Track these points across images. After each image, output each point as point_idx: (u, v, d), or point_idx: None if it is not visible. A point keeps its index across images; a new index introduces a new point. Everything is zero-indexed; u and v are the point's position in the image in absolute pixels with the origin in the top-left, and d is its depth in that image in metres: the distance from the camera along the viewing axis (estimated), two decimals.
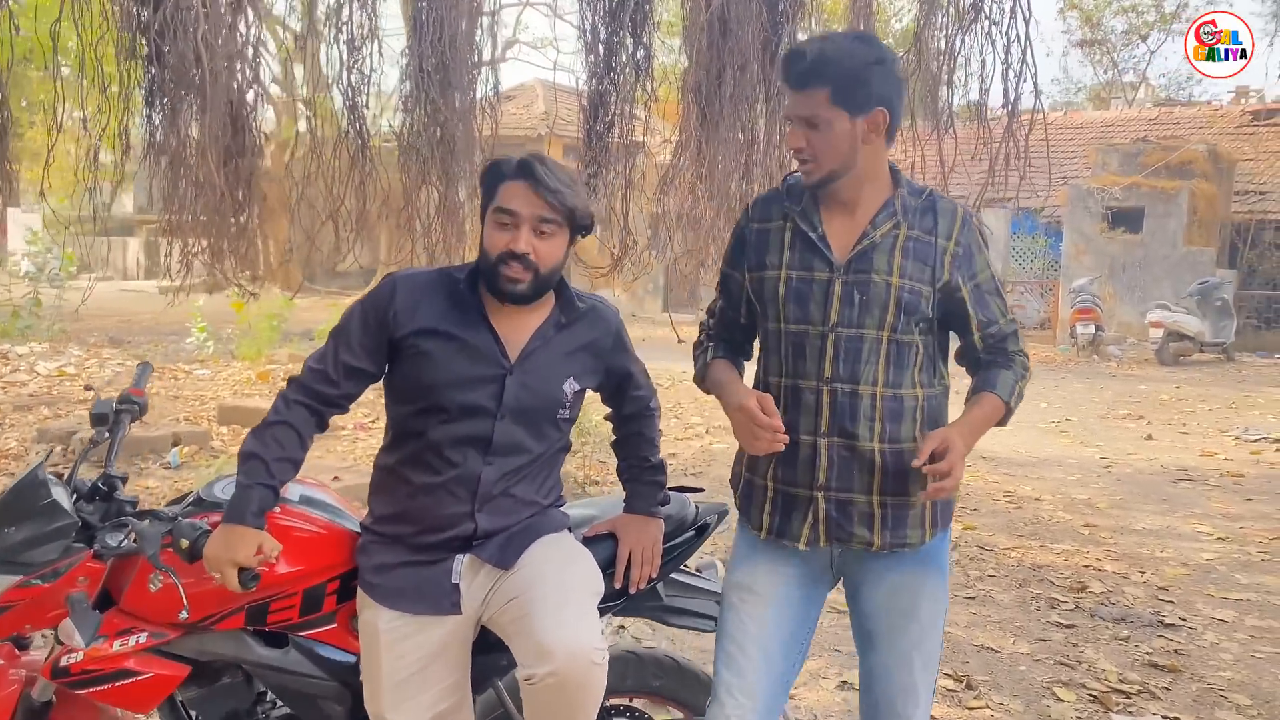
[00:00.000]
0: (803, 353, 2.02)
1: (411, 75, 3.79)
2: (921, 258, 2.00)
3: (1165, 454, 8.47)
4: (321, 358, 2.12)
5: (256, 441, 2.04)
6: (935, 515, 2.06)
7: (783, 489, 2.07)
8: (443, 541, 2.09)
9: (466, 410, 2.06)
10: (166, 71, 3.26)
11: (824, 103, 1.92)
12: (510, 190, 2.02)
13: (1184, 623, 4.44)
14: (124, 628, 2.06)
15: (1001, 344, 2.09)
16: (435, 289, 2.11)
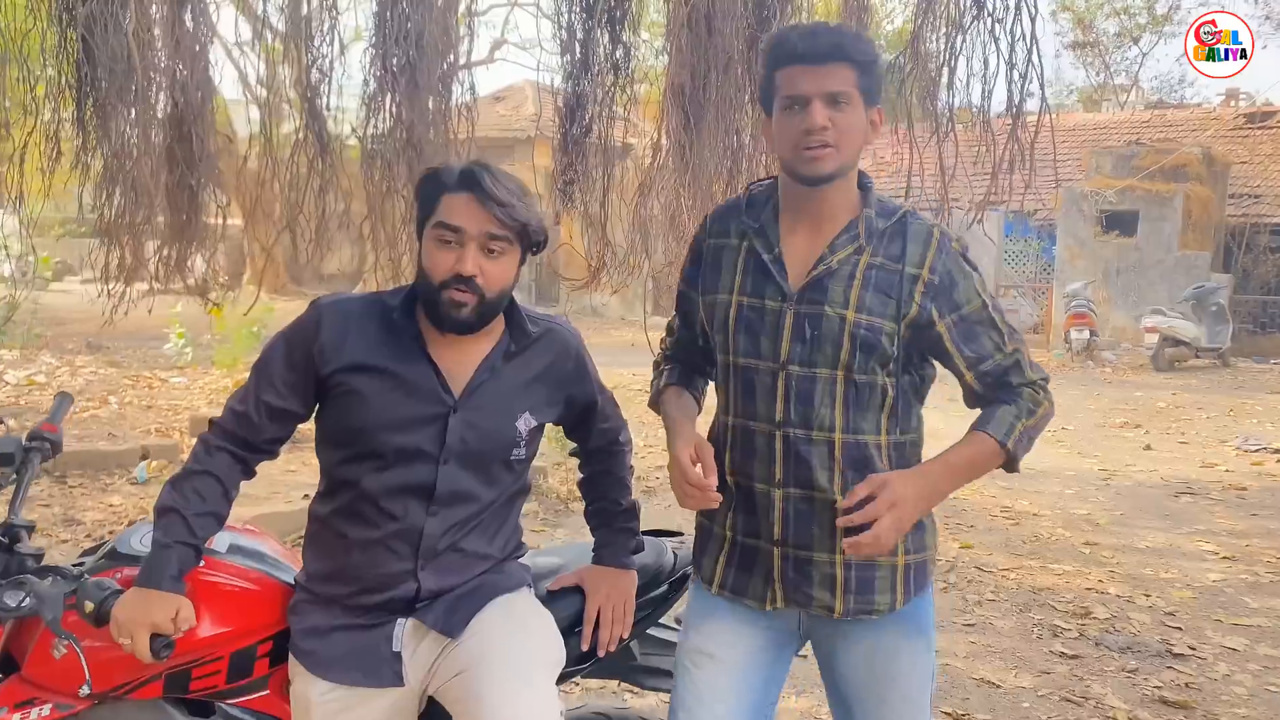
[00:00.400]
0: (753, 391, 1.78)
1: (376, 76, 3.56)
2: (884, 288, 1.73)
3: (1165, 465, 8.27)
4: (243, 398, 1.88)
5: (175, 494, 1.81)
6: (909, 579, 1.81)
7: (741, 540, 1.83)
8: (382, 603, 1.85)
9: (404, 455, 1.82)
10: (98, 69, 3.01)
11: (851, 81, 1.69)
12: (453, 204, 1.78)
13: (1194, 652, 4.22)
14: (25, 698, 1.82)
15: (1003, 378, 1.79)
16: (366, 318, 1.86)
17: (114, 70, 2.97)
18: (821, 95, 1.69)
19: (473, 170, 1.80)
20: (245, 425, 1.86)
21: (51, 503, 5.73)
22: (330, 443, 1.88)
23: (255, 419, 1.86)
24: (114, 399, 8.77)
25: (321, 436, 1.90)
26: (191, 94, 3.34)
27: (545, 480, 6.39)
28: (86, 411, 8.18)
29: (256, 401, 1.85)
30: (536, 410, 1.93)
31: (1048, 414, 1.81)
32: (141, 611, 1.69)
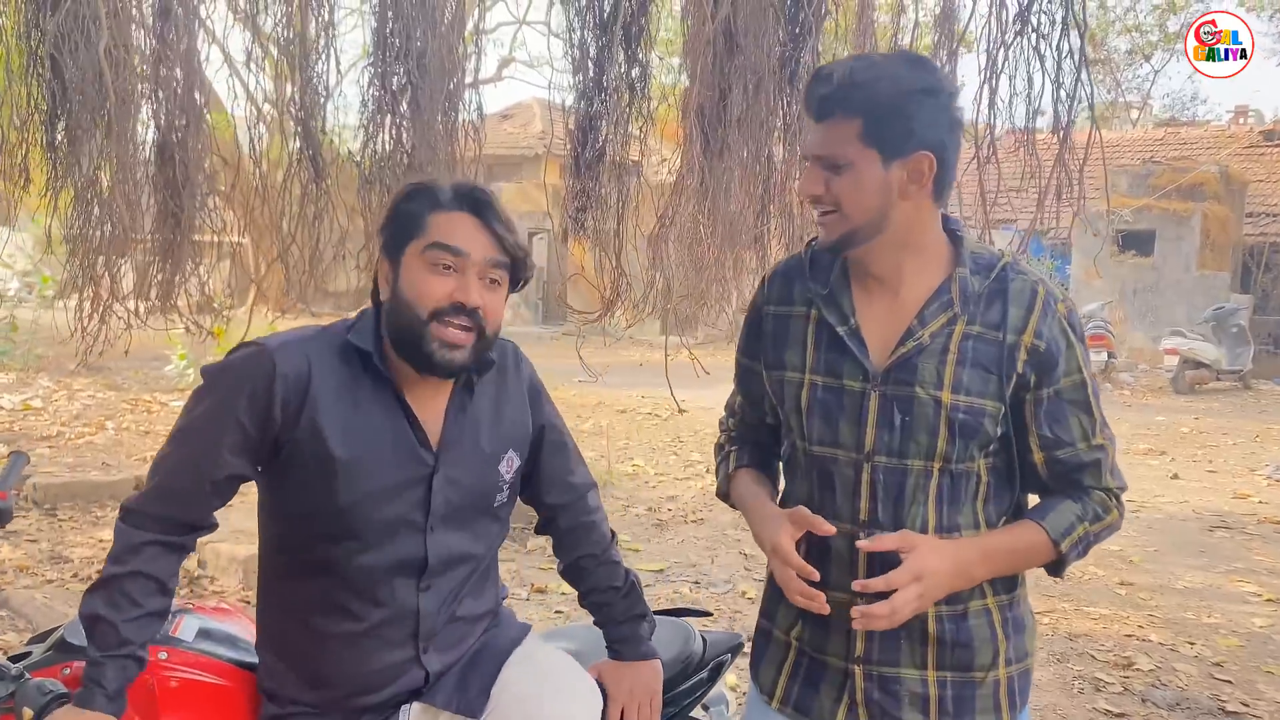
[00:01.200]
0: (831, 484, 1.53)
1: (374, 96, 3.34)
2: (983, 363, 1.48)
3: (1195, 496, 7.98)
4: (172, 472, 1.57)
5: (101, 599, 1.51)
6: (1013, 693, 1.56)
7: (809, 653, 1.58)
8: (383, 701, 1.61)
9: (388, 530, 1.56)
10: (68, 90, 2.78)
11: (851, 138, 1.43)
12: (452, 223, 1.53)
13: (1247, 709, 3.95)
14: None
15: (1076, 474, 1.54)
16: (328, 360, 1.55)
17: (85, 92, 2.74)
18: (814, 158, 1.48)
19: (472, 188, 1.57)
20: (179, 504, 1.56)
21: (39, 537, 5.49)
22: (288, 515, 1.60)
23: (192, 495, 1.55)
24: (111, 424, 8.55)
25: (274, 505, 1.61)
26: (175, 116, 3.11)
27: None
28: (82, 438, 7.96)
29: (195, 474, 1.55)
30: (517, 445, 1.69)
31: (1114, 526, 1.58)
32: None
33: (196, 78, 3.16)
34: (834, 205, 1.46)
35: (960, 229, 1.56)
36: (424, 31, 3.29)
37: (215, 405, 1.55)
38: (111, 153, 2.82)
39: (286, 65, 3.26)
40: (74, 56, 2.63)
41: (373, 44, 3.33)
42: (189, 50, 3.02)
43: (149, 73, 2.96)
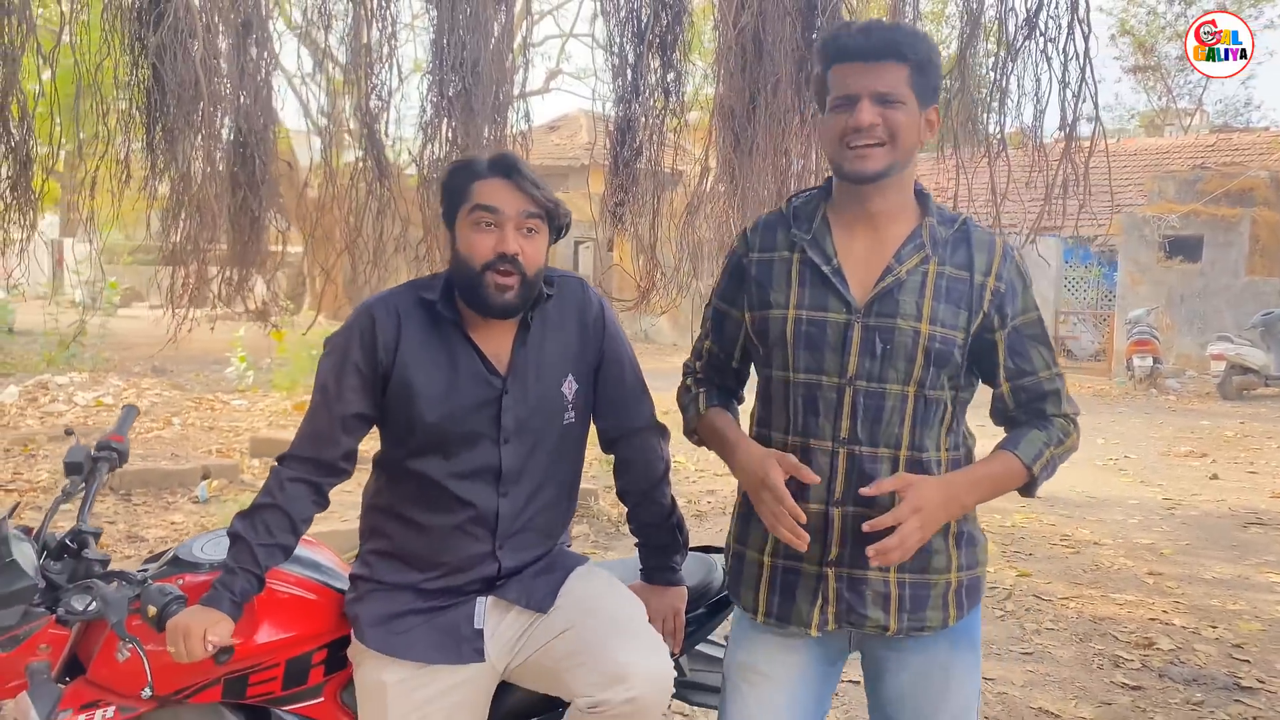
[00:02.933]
0: (815, 408, 1.74)
1: (433, 102, 3.65)
2: (955, 299, 1.71)
3: (1233, 495, 8.03)
4: (313, 418, 1.93)
5: (246, 524, 1.87)
6: (961, 595, 1.79)
7: (784, 565, 1.80)
8: (462, 585, 1.90)
9: (467, 441, 1.88)
10: (167, 96, 3.14)
11: (903, 81, 1.67)
12: (488, 188, 1.84)
13: (1263, 685, 4.09)
14: (90, 700, 1.88)
15: (1039, 402, 1.78)
16: (411, 310, 1.91)
17: (182, 97, 3.09)
18: (871, 94, 1.68)
19: (503, 155, 1.87)
20: (320, 444, 1.91)
21: (116, 519, 5.88)
22: (394, 439, 1.93)
23: (330, 434, 1.90)
24: (177, 420, 8.99)
25: (383, 430, 1.95)
26: (254, 120, 3.45)
27: (596, 503, 6.41)
28: (151, 432, 8.40)
29: (329, 417, 1.90)
30: (577, 372, 1.96)
31: (1074, 447, 1.81)
32: (195, 625, 1.74)
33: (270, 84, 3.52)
34: (887, 137, 1.68)
35: (925, 189, 1.81)
36: (477, 42, 3.59)
37: (336, 357, 1.91)
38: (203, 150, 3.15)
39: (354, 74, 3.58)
40: (173, 66, 2.97)
41: (431, 54, 3.63)
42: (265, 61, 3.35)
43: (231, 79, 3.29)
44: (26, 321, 12.84)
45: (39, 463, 7.32)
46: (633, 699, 1.72)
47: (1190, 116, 32.72)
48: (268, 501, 1.88)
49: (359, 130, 3.69)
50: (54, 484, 6.69)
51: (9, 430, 8.19)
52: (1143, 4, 30.57)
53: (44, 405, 9.25)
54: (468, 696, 1.89)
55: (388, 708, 1.85)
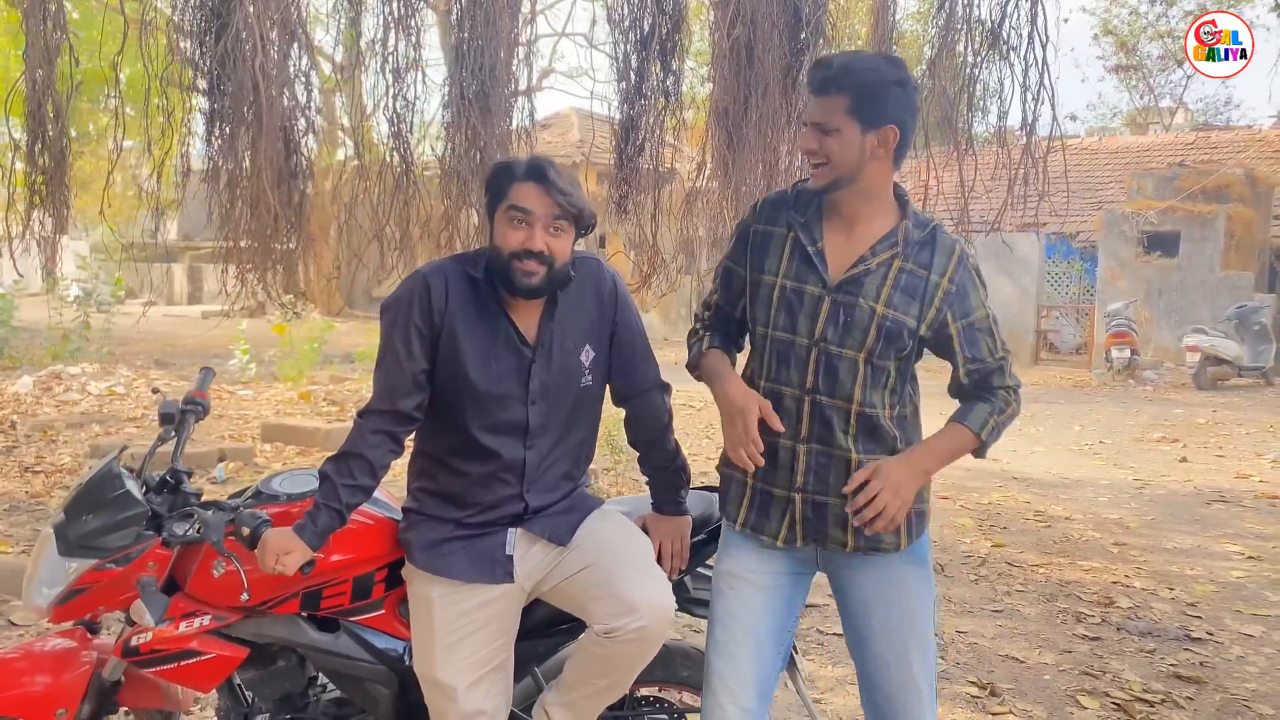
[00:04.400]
0: (788, 361, 2.10)
1: (454, 102, 3.98)
2: (910, 292, 2.05)
3: (1199, 476, 8.44)
4: (386, 376, 2.22)
5: (334, 467, 2.19)
6: (910, 525, 2.13)
7: (761, 487, 2.16)
8: (495, 520, 2.25)
9: (500, 400, 2.20)
10: (225, 99, 3.47)
11: (840, 111, 1.99)
12: (523, 191, 2.15)
13: (1211, 637, 4.47)
14: (189, 611, 2.22)
15: (986, 379, 2.12)
16: (458, 280, 2.22)
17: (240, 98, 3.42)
18: (813, 124, 2.05)
19: (539, 163, 2.19)
20: (395, 397, 2.20)
21: None
22: (440, 389, 2.24)
23: (403, 387, 2.20)
24: None
25: (433, 385, 2.25)
26: (297, 119, 3.80)
27: (596, 481, 6.78)
28: None
29: (400, 372, 2.20)
30: (594, 342, 2.29)
31: (1015, 413, 2.16)
32: (280, 548, 2.08)
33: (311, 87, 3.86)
34: (825, 159, 2.04)
35: (906, 195, 2.15)
36: (495, 48, 3.93)
37: (397, 319, 2.22)
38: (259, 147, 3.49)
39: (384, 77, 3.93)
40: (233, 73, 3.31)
41: (453, 56, 3.97)
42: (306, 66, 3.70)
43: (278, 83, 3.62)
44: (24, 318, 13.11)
45: (59, 447, 7.64)
46: (642, 627, 2.07)
47: (1172, 115, 33.23)
48: (353, 449, 2.20)
49: (387, 131, 4.06)
50: (77, 466, 7.00)
51: (28, 418, 8.49)
52: (1125, 4, 31.03)
53: (58, 395, 9.55)
54: (500, 610, 2.24)
55: (434, 616, 2.20)
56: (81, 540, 2.18)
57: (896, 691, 2.16)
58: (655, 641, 2.12)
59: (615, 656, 2.12)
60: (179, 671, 2.21)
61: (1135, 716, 3.60)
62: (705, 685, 2.19)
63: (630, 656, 2.13)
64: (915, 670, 2.14)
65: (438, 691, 2.20)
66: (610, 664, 2.15)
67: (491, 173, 2.27)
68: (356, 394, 10.36)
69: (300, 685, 2.37)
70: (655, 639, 2.12)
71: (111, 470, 2.25)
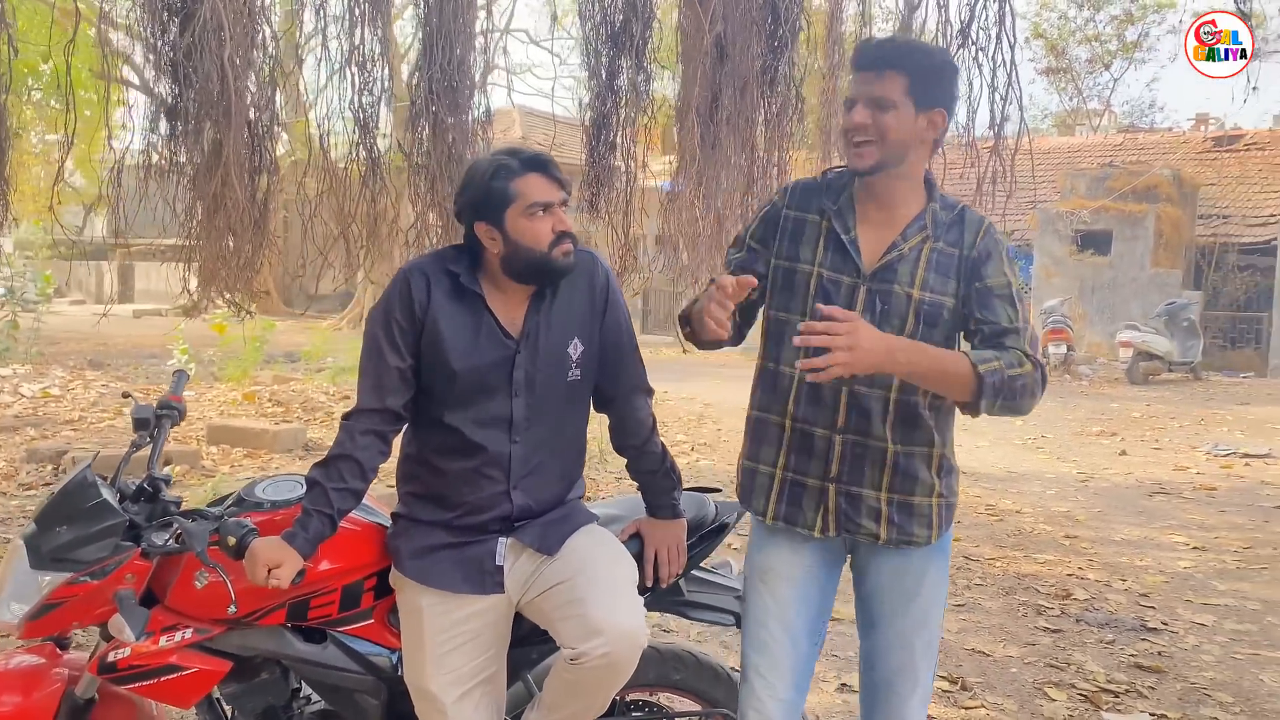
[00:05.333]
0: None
1: (422, 96, 3.90)
2: (944, 270, 2.03)
3: (1140, 468, 8.67)
4: (374, 374, 2.17)
5: (321, 471, 2.13)
6: (943, 515, 2.12)
7: (792, 477, 2.13)
8: (483, 523, 2.18)
9: (485, 392, 2.16)
10: (191, 91, 3.35)
11: (899, 88, 1.97)
12: (531, 184, 2.11)
13: (1166, 627, 4.58)
14: (169, 624, 2.13)
15: (999, 338, 2.00)
16: (439, 276, 2.18)
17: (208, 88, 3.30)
18: (868, 99, 2.00)
19: (534, 154, 2.16)
20: (383, 395, 2.15)
21: None
22: (426, 390, 2.19)
23: (390, 385, 2.15)
24: (127, 410, 9.01)
25: (419, 386, 2.20)
26: (263, 113, 3.68)
27: None
28: (103, 422, 8.44)
29: (387, 370, 2.15)
30: (583, 336, 2.24)
31: (1027, 381, 1.95)
32: (268, 558, 2.00)
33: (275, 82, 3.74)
34: (877, 136, 1.99)
35: (933, 178, 2.13)
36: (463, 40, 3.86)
37: (380, 316, 2.18)
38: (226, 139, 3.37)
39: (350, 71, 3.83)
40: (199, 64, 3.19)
41: (421, 51, 3.89)
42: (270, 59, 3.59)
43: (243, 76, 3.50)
44: None
45: None
46: (606, 654, 2.00)
47: (1099, 116, 34.12)
48: (341, 452, 2.13)
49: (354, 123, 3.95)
50: (14, 471, 6.74)
51: None
52: (1054, 8, 31.75)
53: None
54: (491, 621, 2.19)
55: (424, 626, 2.14)
56: (55, 553, 2.08)
57: (894, 675, 2.17)
58: (623, 669, 2.06)
59: (583, 682, 2.06)
60: (159, 687, 2.13)
61: (1102, 707, 3.67)
62: (742, 678, 2.19)
63: (598, 683, 2.07)
64: (917, 656, 2.15)
65: (428, 703, 2.15)
66: (580, 689, 2.09)
67: (485, 179, 2.16)
68: (302, 394, 10.16)
69: (284, 698, 2.30)
70: (622, 666, 2.05)
71: (86, 479, 2.15)
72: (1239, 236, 19.07)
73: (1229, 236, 19.10)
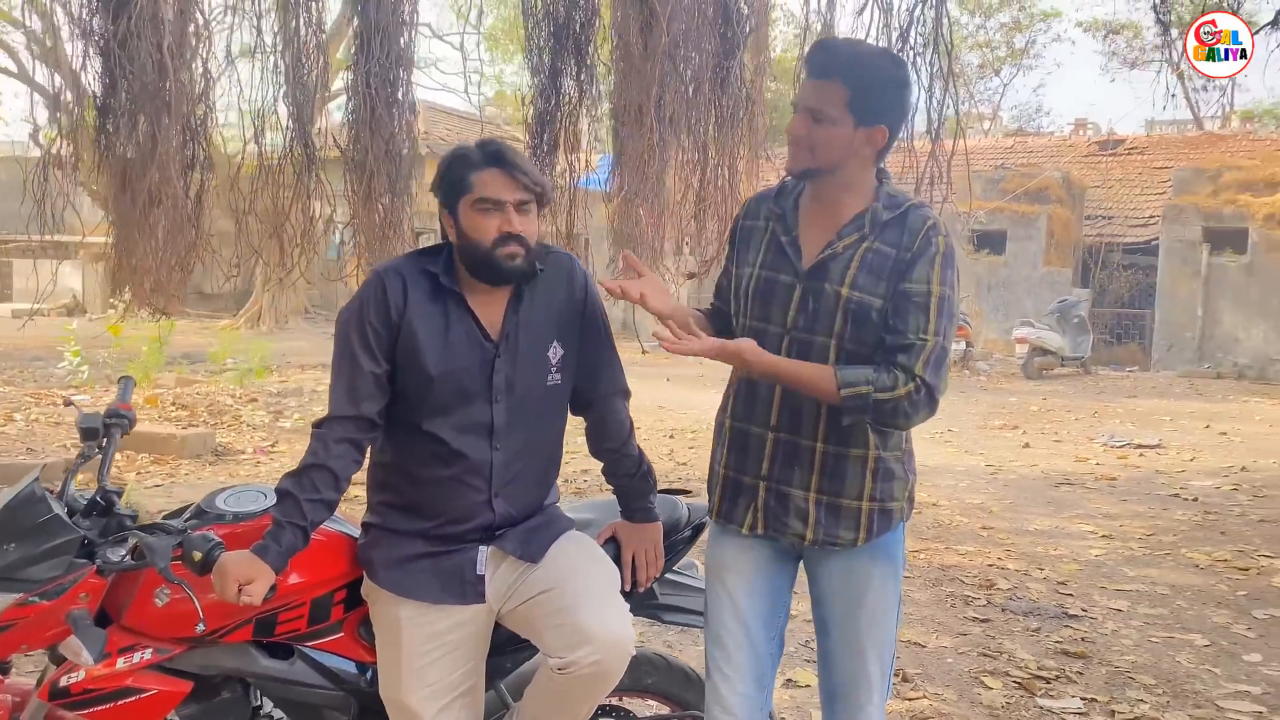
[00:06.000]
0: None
1: (360, 89, 3.78)
2: (877, 270, 1.99)
3: (1044, 460, 9.00)
4: (348, 380, 2.09)
5: (293, 482, 2.03)
6: (873, 521, 2.08)
7: (732, 475, 2.15)
8: (464, 532, 2.12)
9: (464, 398, 2.09)
10: (123, 82, 3.16)
11: (839, 101, 1.95)
12: (486, 178, 2.05)
13: (1085, 613, 4.76)
14: (126, 645, 2.02)
15: (895, 353, 1.95)
16: (416, 277, 2.11)
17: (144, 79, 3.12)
18: (806, 109, 2.00)
19: (496, 147, 2.10)
20: (357, 401, 2.06)
21: None
22: (402, 396, 2.11)
23: (364, 390, 2.07)
24: (19, 415, 8.56)
25: (395, 392, 2.12)
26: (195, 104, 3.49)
27: None
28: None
29: (357, 370, 2.07)
30: (563, 338, 2.19)
31: (899, 405, 1.93)
32: (240, 574, 1.90)
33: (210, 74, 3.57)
34: (808, 147, 1.99)
35: (888, 176, 2.13)
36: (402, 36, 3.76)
37: (353, 319, 2.10)
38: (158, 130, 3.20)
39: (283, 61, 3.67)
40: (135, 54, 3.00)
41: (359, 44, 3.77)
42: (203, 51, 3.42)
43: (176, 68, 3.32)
44: None
45: None
46: (596, 662, 1.97)
47: (989, 121, 35.35)
48: (314, 461, 2.04)
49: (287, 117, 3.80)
50: None
51: None
52: (882, 8, 32.75)
53: None
54: (472, 631, 2.13)
55: (401, 638, 2.08)
56: (3, 572, 1.95)
57: (848, 679, 2.16)
58: (611, 677, 2.03)
59: (570, 691, 2.03)
60: (114, 712, 2.02)
61: (1036, 693, 3.79)
62: (706, 676, 2.19)
63: (586, 691, 2.05)
64: (869, 662, 2.14)
65: (405, 717, 2.09)
66: (566, 698, 2.06)
67: (447, 165, 2.14)
68: (207, 397, 9.80)
69: (245, 718, 2.20)
70: (611, 674, 2.02)
71: (34, 493, 2.02)
72: (1123, 237, 20.00)
73: (1114, 237, 20.01)
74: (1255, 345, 16.92)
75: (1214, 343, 17.27)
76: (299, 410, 9.86)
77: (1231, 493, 7.66)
